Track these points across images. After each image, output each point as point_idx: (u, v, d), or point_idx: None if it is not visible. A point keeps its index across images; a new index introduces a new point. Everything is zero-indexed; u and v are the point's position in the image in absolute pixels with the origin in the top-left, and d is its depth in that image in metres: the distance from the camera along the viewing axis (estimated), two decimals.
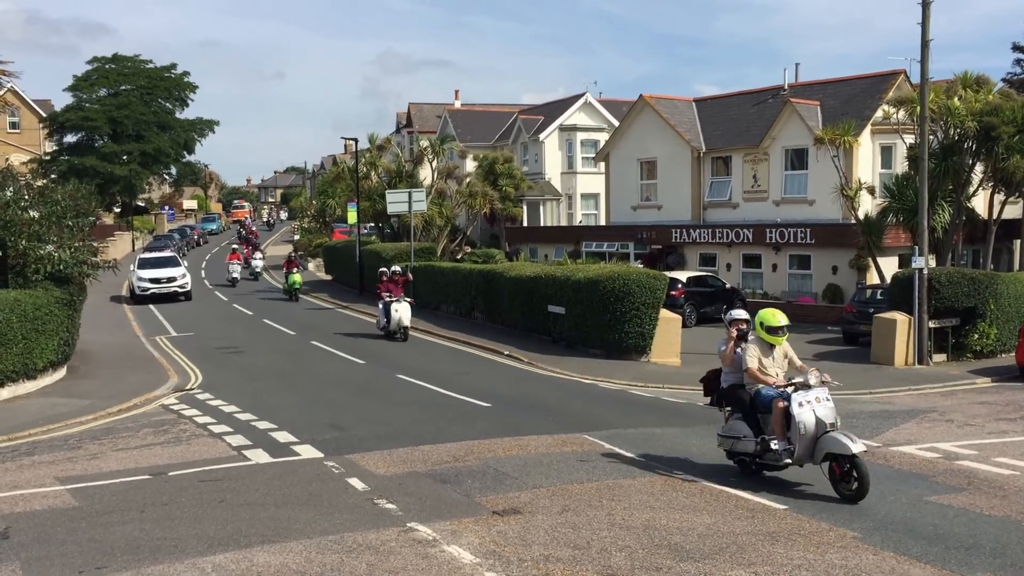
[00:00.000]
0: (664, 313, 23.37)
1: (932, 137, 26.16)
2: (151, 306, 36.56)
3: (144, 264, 39.58)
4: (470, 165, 48.95)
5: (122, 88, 72.66)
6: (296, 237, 70.29)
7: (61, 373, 20.78)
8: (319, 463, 12.54)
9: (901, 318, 23.31)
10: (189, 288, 39.05)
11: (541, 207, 52.88)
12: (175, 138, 75.00)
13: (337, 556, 8.50)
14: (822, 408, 10.54)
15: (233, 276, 46.06)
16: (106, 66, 73.48)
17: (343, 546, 8.80)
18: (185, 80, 76.17)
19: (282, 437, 14.26)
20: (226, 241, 75.88)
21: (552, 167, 52.81)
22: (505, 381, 20.24)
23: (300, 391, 18.91)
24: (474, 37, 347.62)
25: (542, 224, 52.07)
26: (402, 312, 26.48)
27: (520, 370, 22.15)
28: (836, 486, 10.41)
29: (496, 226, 51.03)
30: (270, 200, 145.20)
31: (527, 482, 11.27)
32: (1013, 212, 31.82)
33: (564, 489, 10.93)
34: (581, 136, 51.42)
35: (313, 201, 73.88)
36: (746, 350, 11.08)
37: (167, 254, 43.27)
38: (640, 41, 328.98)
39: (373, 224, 48.44)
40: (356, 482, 11.39)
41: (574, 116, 52.41)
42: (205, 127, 78.90)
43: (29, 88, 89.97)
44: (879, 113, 32.16)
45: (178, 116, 76.82)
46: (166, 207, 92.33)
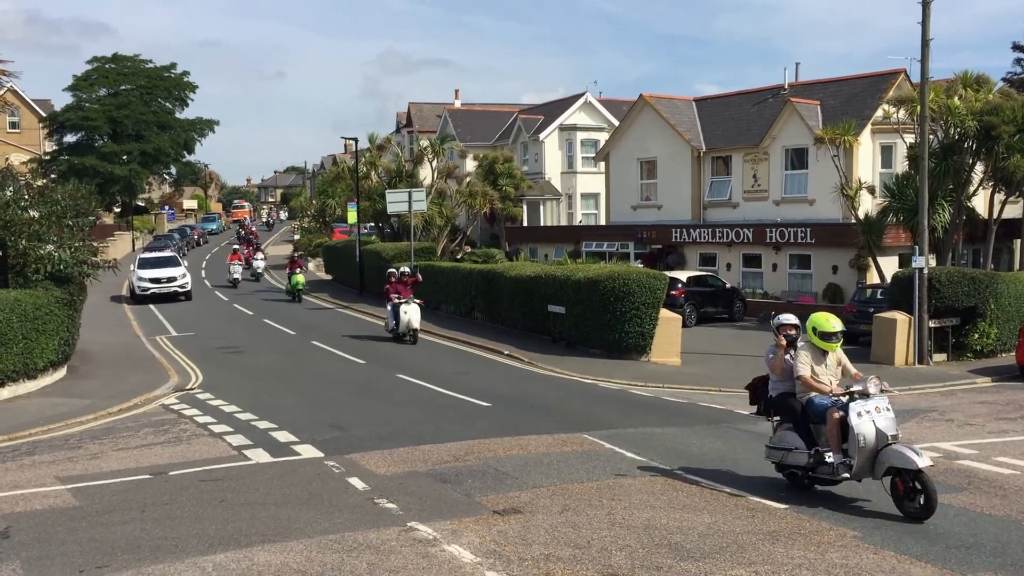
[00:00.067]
0: (664, 313, 23.38)
1: (932, 136, 26.16)
2: (151, 306, 36.57)
3: (144, 264, 39.57)
4: (470, 165, 48.98)
5: (122, 88, 72.71)
6: (296, 237, 70.26)
7: (61, 373, 20.78)
8: (319, 463, 12.54)
9: (901, 318, 23.31)
10: (189, 288, 39.04)
11: (541, 207, 52.89)
12: (175, 138, 75.04)
13: (338, 555, 8.50)
14: (882, 419, 9.89)
15: (234, 277, 45.64)
16: (106, 66, 73.52)
17: (343, 545, 8.81)
18: (185, 80, 76.24)
19: (282, 437, 14.26)
20: (226, 241, 75.82)
21: (552, 167, 52.82)
22: (505, 381, 20.24)
23: (300, 391, 18.91)
24: (474, 37, 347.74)
25: (542, 224, 52.08)
26: (411, 314, 25.79)
27: (520, 370, 22.15)
28: (899, 503, 9.69)
29: (496, 226, 51.03)
30: (270, 200, 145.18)
31: (527, 482, 11.28)
32: (1013, 211, 31.82)
33: (564, 488, 10.93)
34: (581, 136, 51.42)
35: (313, 201, 73.89)
36: (797, 356, 10.44)
37: (167, 254, 43.27)
38: (640, 41, 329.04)
39: (373, 224, 48.44)
40: (356, 482, 11.39)
41: (574, 116, 52.42)
42: (205, 127, 78.95)
43: (29, 88, 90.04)
44: (879, 113, 32.14)
45: (178, 116, 76.93)
46: (166, 207, 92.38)
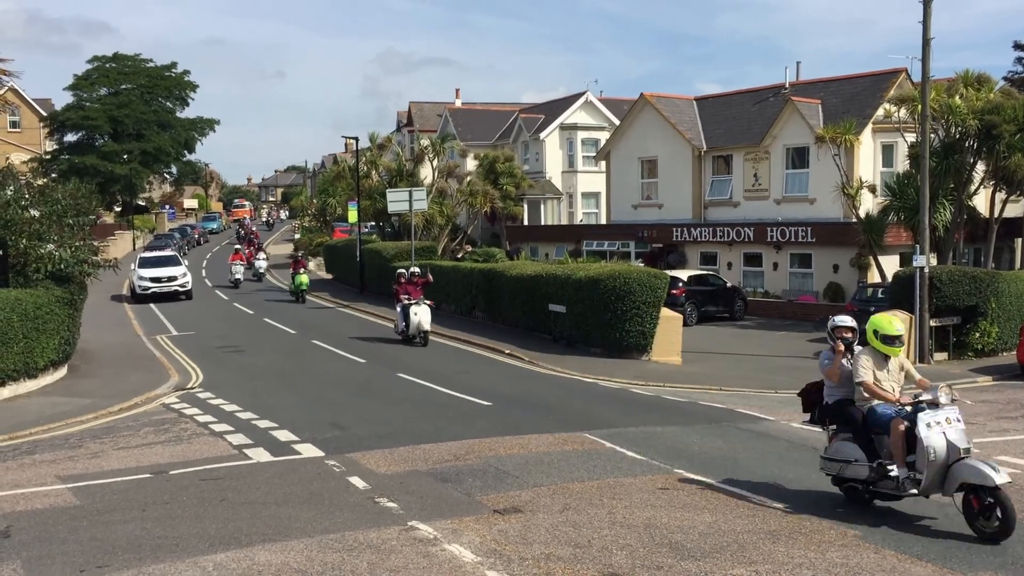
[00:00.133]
0: (665, 312, 23.36)
1: (933, 136, 26.14)
2: (152, 305, 36.57)
3: (145, 263, 39.56)
4: (471, 164, 48.98)
5: (123, 87, 72.73)
6: (297, 236, 70.21)
7: (62, 372, 20.78)
8: (320, 462, 12.54)
9: (902, 316, 23.29)
10: (190, 287, 39.03)
11: (542, 206, 52.88)
12: (176, 137, 75.07)
13: (338, 555, 8.50)
14: (954, 431, 9.11)
15: (236, 277, 45.07)
16: (107, 65, 73.54)
17: (344, 545, 8.80)
18: (185, 79, 76.28)
19: (283, 436, 14.25)
20: (226, 240, 75.80)
21: (553, 166, 52.81)
22: (506, 380, 20.23)
23: (301, 390, 18.90)
24: (475, 36, 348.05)
25: (543, 223, 52.07)
26: (421, 316, 25.21)
27: (521, 369, 22.14)
28: (972, 522, 8.95)
29: (497, 225, 51.03)
30: (271, 199, 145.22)
31: (528, 481, 11.27)
32: (1014, 211, 31.82)
33: (565, 488, 10.93)
34: (582, 135, 51.39)
35: (314, 200, 73.94)
36: (857, 361, 9.76)
37: (168, 253, 43.27)
38: (641, 39, 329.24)
39: (374, 223, 48.44)
40: (357, 481, 11.39)
41: (575, 115, 52.40)
42: (206, 126, 78.99)
43: (30, 87, 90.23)
44: (880, 112, 32.13)
45: (179, 115, 76.99)
46: (167, 206, 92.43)
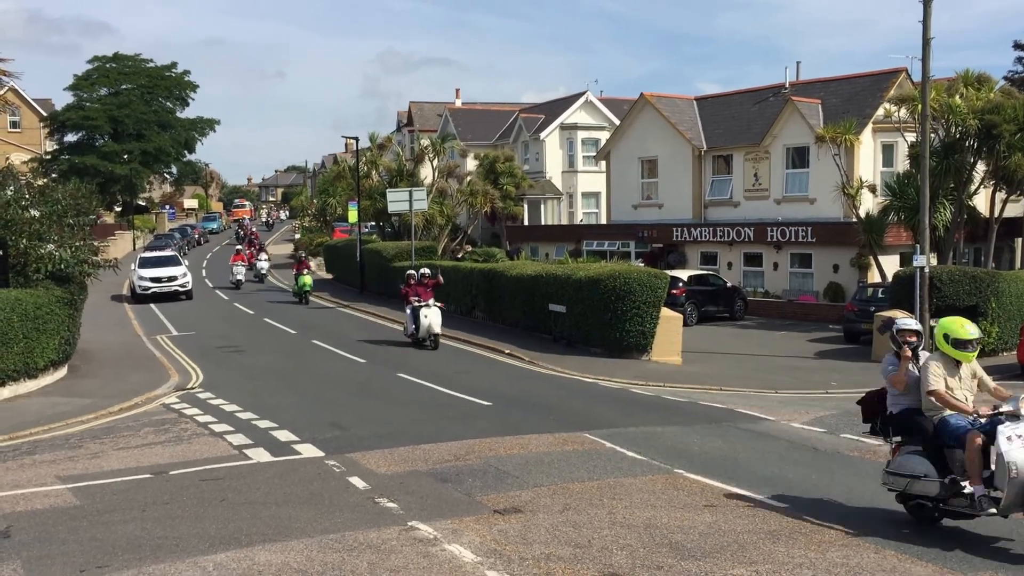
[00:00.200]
0: (665, 312, 23.36)
1: (933, 135, 26.14)
2: (152, 305, 36.57)
3: (145, 263, 39.56)
4: (471, 164, 49.01)
5: (123, 87, 72.76)
6: (297, 236, 70.21)
7: (62, 372, 20.77)
8: (320, 462, 12.53)
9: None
10: (190, 287, 39.01)
11: (542, 206, 52.89)
12: (176, 137, 75.10)
13: (338, 555, 8.50)
14: None
15: (238, 278, 44.13)
16: (107, 65, 73.56)
17: (344, 545, 8.80)
18: (186, 79, 76.31)
19: (283, 436, 14.25)
20: (226, 241, 75.81)
21: (553, 166, 52.82)
22: (506, 380, 20.23)
23: (301, 390, 18.90)
24: (475, 36, 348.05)
25: (543, 223, 52.09)
26: (432, 318, 24.44)
27: (521, 369, 22.13)
28: None
29: (497, 225, 51.04)
30: (271, 199, 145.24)
31: (528, 481, 11.27)
32: (1014, 210, 31.81)
33: (565, 488, 10.92)
34: (582, 135, 51.41)
35: (314, 200, 73.96)
36: (927, 368, 8.99)
37: (168, 253, 43.26)
38: (641, 39, 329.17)
39: (374, 223, 48.46)
40: (357, 481, 11.38)
41: (575, 115, 52.42)
42: (206, 126, 79.03)
43: (30, 87, 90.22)
44: (880, 111, 32.14)
45: (179, 115, 77.04)
46: (167, 206, 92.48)
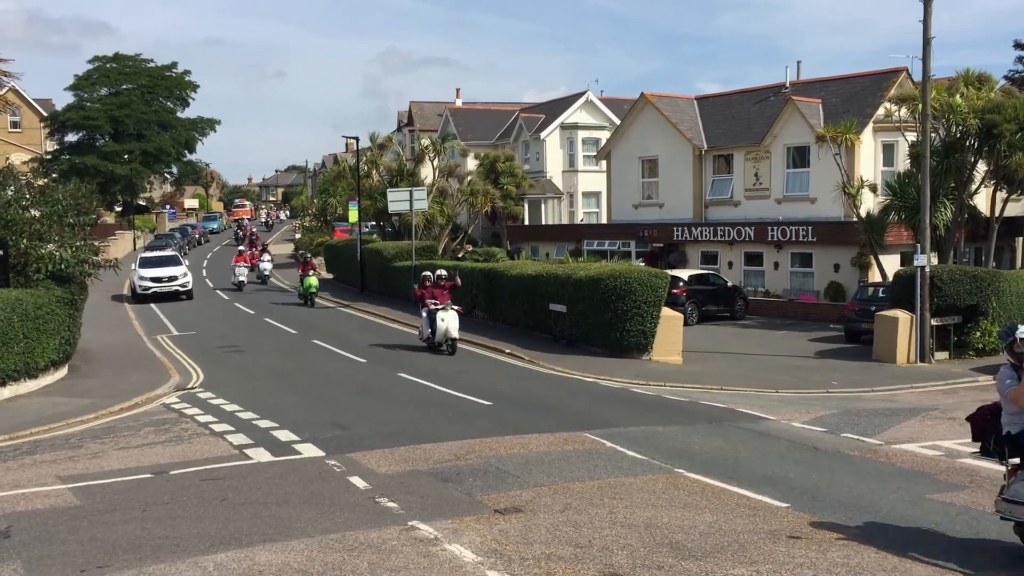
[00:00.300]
0: (666, 311, 23.35)
1: (934, 135, 26.14)
2: (152, 305, 36.57)
3: (145, 263, 39.55)
4: (471, 163, 49.00)
5: (123, 87, 72.71)
6: (297, 236, 70.25)
7: (62, 372, 20.77)
8: (320, 462, 12.54)
9: (903, 316, 23.28)
10: (191, 287, 39.00)
11: (542, 205, 52.88)
12: (176, 137, 75.06)
13: (339, 555, 8.50)
14: None
15: (240, 279, 42.90)
16: (107, 65, 73.51)
17: (345, 545, 8.80)
18: (186, 79, 76.25)
19: (283, 436, 14.25)
20: (227, 241, 75.81)
21: (553, 165, 52.81)
22: (506, 379, 20.23)
23: (301, 390, 18.90)
24: (475, 35, 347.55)
25: (543, 222, 52.07)
26: (449, 322, 23.46)
27: (521, 368, 22.13)
28: None
29: (497, 224, 51.04)
30: (271, 199, 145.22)
31: (529, 480, 11.27)
32: (1015, 210, 31.80)
33: (566, 487, 10.92)
34: (582, 134, 51.39)
35: (314, 200, 73.93)
36: None
37: (168, 253, 43.25)
38: (642, 39, 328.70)
39: (374, 223, 48.43)
40: (357, 481, 11.39)
41: (575, 114, 52.40)
42: (206, 126, 78.97)
43: (30, 87, 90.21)
44: (881, 111, 32.13)
45: (179, 115, 76.94)
46: (167, 206, 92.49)
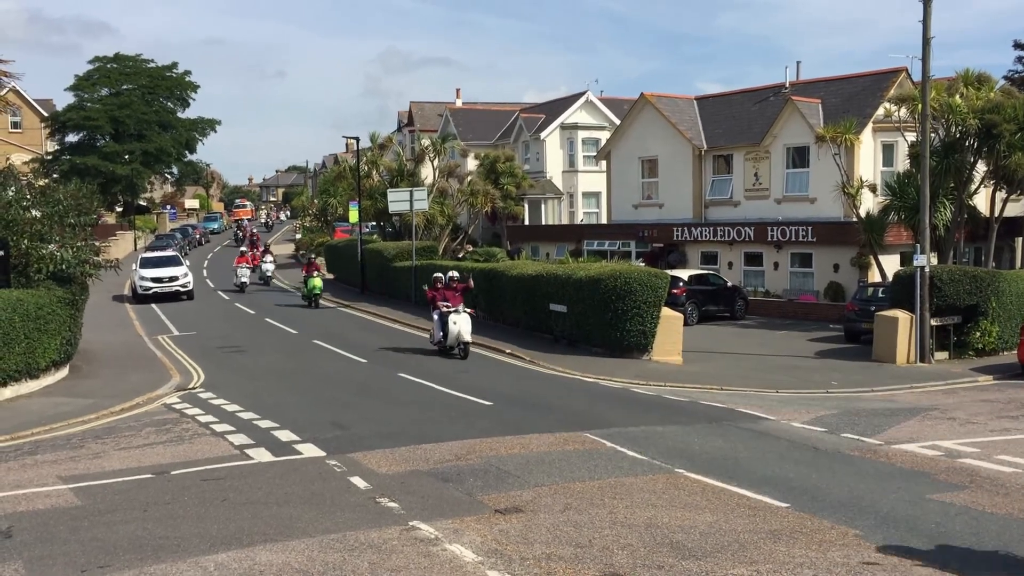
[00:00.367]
0: (666, 311, 23.36)
1: (934, 135, 26.15)
2: (153, 305, 36.58)
3: (146, 263, 39.57)
4: (471, 164, 49.01)
5: (124, 87, 72.66)
6: (298, 236, 70.25)
7: (63, 372, 20.79)
8: (321, 462, 12.55)
9: (903, 316, 23.29)
10: (191, 287, 39.01)
11: (542, 205, 52.89)
12: (177, 137, 75.03)
13: (339, 555, 8.51)
14: None
15: (241, 281, 42.29)
16: (108, 65, 73.47)
17: (345, 545, 8.81)
18: (186, 79, 76.21)
19: (284, 436, 14.26)
20: (227, 241, 75.82)
21: (553, 165, 52.82)
22: (507, 379, 20.24)
23: (302, 390, 18.91)
24: (476, 35, 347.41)
25: (543, 223, 52.08)
26: (462, 325, 22.83)
27: (522, 368, 22.15)
28: None
29: (497, 225, 51.05)
30: (271, 199, 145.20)
31: (529, 480, 11.28)
32: (1015, 210, 31.83)
33: (566, 487, 10.93)
34: (582, 134, 51.40)
35: (315, 200, 73.89)
36: None
37: (169, 253, 43.29)
38: (642, 39, 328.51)
39: (375, 223, 48.43)
40: (358, 481, 11.40)
41: (575, 115, 52.41)
42: (207, 126, 78.92)
43: (31, 88, 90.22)
44: (880, 111, 32.14)
45: (179, 115, 76.88)
46: (168, 206, 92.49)
